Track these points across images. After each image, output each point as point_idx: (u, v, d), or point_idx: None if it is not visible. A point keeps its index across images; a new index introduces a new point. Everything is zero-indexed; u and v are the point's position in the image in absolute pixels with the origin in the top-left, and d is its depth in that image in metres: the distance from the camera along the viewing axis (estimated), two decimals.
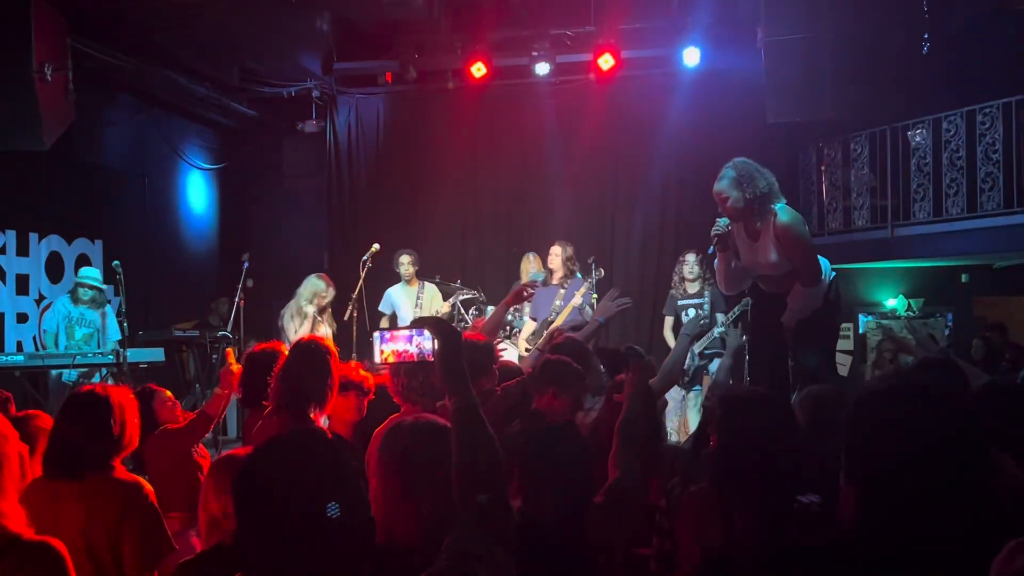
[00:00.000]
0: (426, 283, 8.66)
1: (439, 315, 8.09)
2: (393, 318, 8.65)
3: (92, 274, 7.82)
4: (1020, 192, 8.65)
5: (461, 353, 1.93)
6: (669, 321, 8.31)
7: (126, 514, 2.81)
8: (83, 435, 2.86)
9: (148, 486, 2.93)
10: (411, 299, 8.51)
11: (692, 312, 8.08)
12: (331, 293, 7.70)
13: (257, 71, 9.90)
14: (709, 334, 7.83)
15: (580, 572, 2.47)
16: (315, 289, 7.63)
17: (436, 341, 1.96)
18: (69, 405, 2.96)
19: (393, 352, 2.04)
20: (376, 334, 2.05)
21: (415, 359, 2.01)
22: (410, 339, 2.01)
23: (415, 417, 2.21)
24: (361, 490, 1.69)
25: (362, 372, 3.86)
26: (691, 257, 8.18)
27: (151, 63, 8.75)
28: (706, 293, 8.06)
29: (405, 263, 8.54)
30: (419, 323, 2.06)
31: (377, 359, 2.08)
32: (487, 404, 2.66)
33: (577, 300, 7.67)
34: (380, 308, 8.67)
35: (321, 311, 7.62)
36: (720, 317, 7.91)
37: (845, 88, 7.77)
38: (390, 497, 2.03)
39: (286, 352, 3.21)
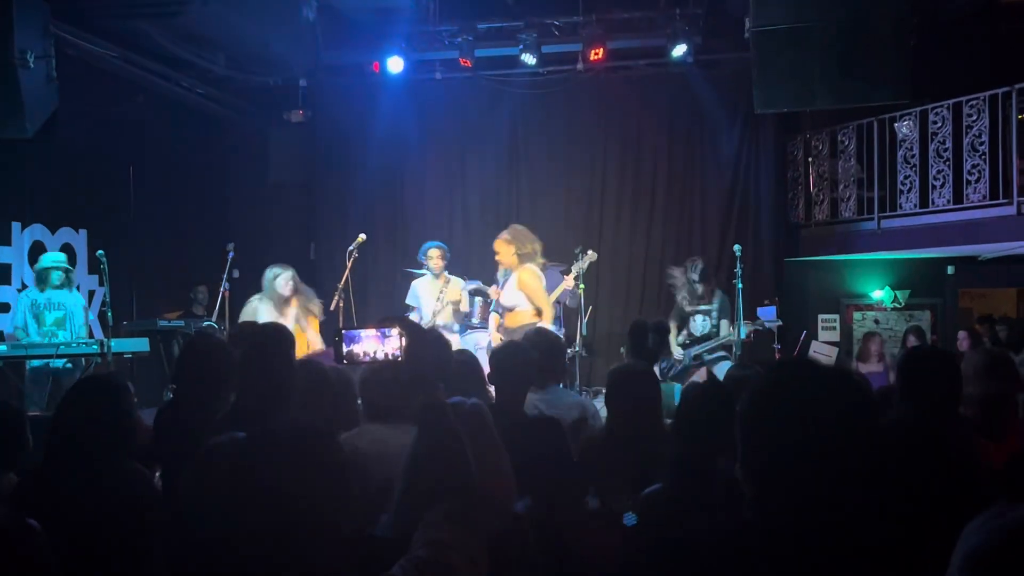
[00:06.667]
0: (453, 277, 8.22)
1: (454, 305, 7.98)
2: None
3: (56, 257, 7.64)
4: (1006, 184, 8.68)
5: (429, 352, 1.93)
6: (673, 328, 7.95)
7: None
8: None
9: None
10: (434, 293, 8.07)
11: (700, 319, 7.98)
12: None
13: (243, 60, 9.82)
14: (711, 342, 7.84)
15: None
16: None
17: (403, 339, 1.95)
18: None
19: (362, 351, 2.02)
20: (343, 333, 2.03)
21: (383, 358, 1.99)
22: (377, 338, 1.99)
23: None
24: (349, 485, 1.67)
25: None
26: (699, 265, 7.98)
27: (135, 51, 8.68)
28: (715, 300, 7.96)
29: (434, 256, 8.08)
30: (387, 322, 2.04)
31: (343, 358, 2.05)
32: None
33: (558, 292, 7.75)
34: (407, 301, 8.31)
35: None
36: (725, 324, 7.86)
37: (833, 79, 7.77)
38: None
39: None
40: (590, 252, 8.03)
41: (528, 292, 7.11)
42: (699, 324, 7.93)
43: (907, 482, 2.18)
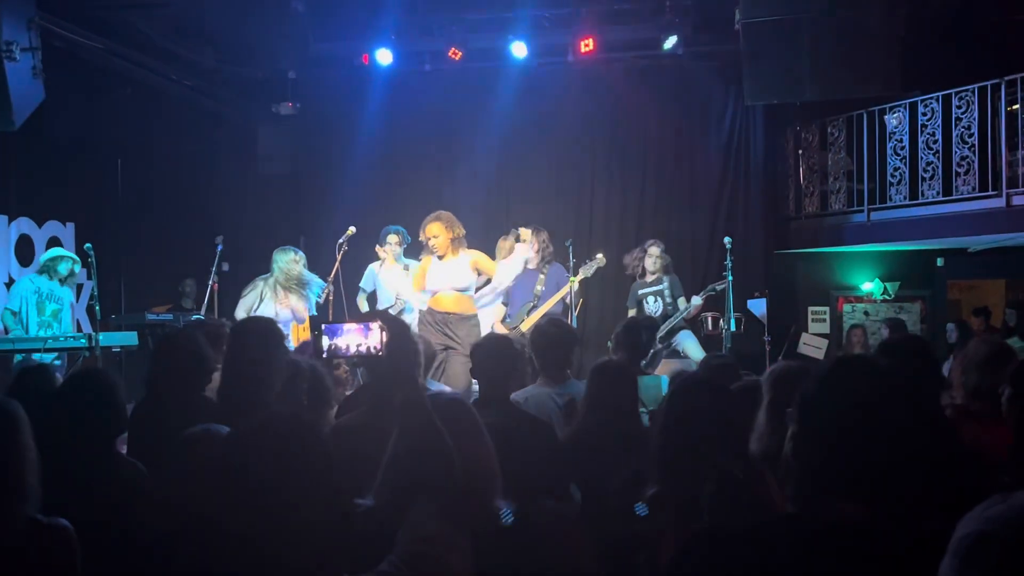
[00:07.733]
0: (410, 261, 8.06)
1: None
2: (372, 296, 8.48)
3: (70, 252, 7.69)
4: (995, 176, 8.71)
5: (410, 347, 1.92)
6: (632, 313, 8.19)
7: None
8: None
9: None
10: (394, 279, 7.95)
11: (652, 300, 8.13)
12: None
13: (232, 52, 9.77)
14: (671, 319, 7.92)
15: None
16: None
17: (385, 334, 1.95)
18: None
19: (343, 345, 2.01)
20: (323, 327, 2.03)
21: (364, 352, 1.99)
22: (360, 331, 1.99)
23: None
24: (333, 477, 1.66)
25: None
26: (655, 250, 8.22)
27: (122, 43, 8.61)
28: (664, 279, 8.11)
29: (392, 242, 8.03)
30: (369, 316, 2.05)
31: (324, 352, 2.05)
32: None
33: (565, 290, 7.75)
34: (361, 285, 8.43)
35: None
36: (682, 302, 7.98)
37: (822, 71, 7.78)
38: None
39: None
40: (599, 256, 8.07)
41: (484, 269, 7.16)
42: (651, 305, 8.08)
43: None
